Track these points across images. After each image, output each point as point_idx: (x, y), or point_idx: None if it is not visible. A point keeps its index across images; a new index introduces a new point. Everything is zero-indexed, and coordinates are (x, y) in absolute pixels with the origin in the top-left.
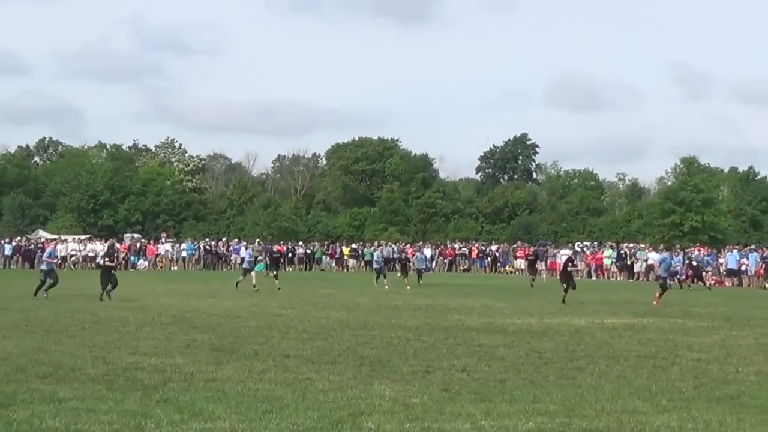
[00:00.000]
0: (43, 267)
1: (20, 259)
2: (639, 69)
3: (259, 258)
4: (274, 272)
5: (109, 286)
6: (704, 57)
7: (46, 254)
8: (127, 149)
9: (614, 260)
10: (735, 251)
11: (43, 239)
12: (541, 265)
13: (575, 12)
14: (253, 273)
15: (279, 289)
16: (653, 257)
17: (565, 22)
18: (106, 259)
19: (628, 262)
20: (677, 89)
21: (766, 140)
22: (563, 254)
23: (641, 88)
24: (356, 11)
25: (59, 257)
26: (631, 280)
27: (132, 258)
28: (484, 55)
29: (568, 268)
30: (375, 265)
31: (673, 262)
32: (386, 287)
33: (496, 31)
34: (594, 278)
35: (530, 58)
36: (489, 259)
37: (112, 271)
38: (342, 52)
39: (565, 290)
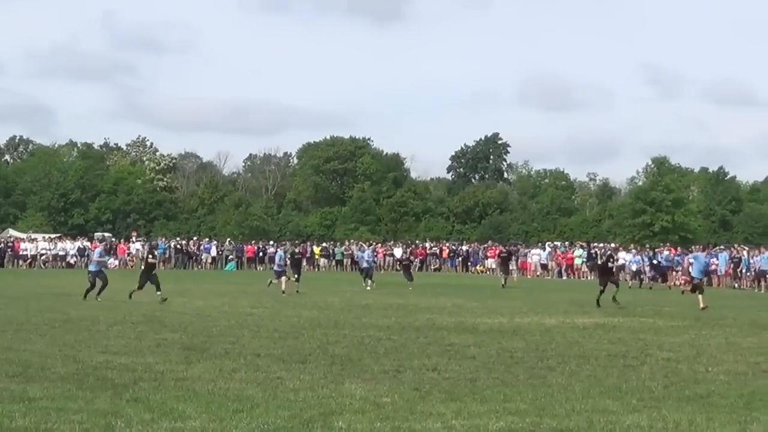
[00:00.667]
0: (92, 268)
1: None
2: (611, 69)
3: (230, 257)
4: (296, 275)
5: (150, 284)
6: (676, 58)
7: (96, 254)
8: (98, 148)
9: (585, 260)
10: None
11: (13, 238)
12: (512, 265)
13: (548, 12)
14: (283, 278)
15: (298, 291)
16: (624, 257)
17: (537, 23)
18: (149, 256)
19: (599, 262)
20: (649, 89)
21: (737, 140)
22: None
23: (613, 89)
24: (329, 11)
25: (105, 259)
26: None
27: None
28: (457, 54)
29: (609, 265)
30: (364, 265)
31: (705, 261)
32: (368, 288)
33: (468, 30)
34: (564, 278)
35: (502, 57)
36: (460, 258)
37: (154, 271)
38: (314, 52)
39: (602, 291)
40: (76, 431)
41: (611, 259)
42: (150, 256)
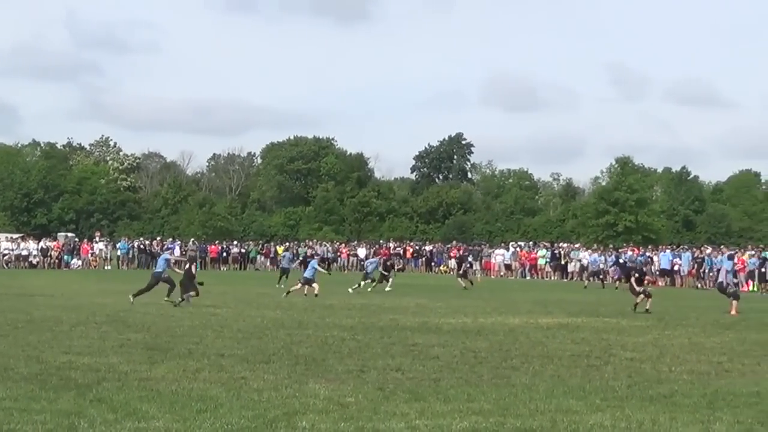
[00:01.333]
0: (158, 269)
1: None
2: (575, 69)
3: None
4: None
5: (193, 293)
6: (640, 58)
7: (164, 258)
8: (62, 148)
9: (548, 260)
10: (668, 251)
11: None
12: (475, 265)
13: (512, 12)
14: (315, 285)
15: (316, 295)
16: (587, 257)
17: (501, 23)
18: (190, 265)
19: (563, 262)
20: (613, 90)
21: (701, 141)
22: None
23: (577, 89)
24: (294, 11)
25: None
26: (565, 280)
27: (65, 257)
28: (421, 54)
29: (646, 278)
30: (369, 267)
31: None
32: (369, 289)
33: (433, 31)
34: (528, 278)
35: (467, 58)
36: (423, 258)
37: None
38: (279, 52)
39: (640, 294)
40: (39, 431)
41: (640, 273)
42: (191, 265)
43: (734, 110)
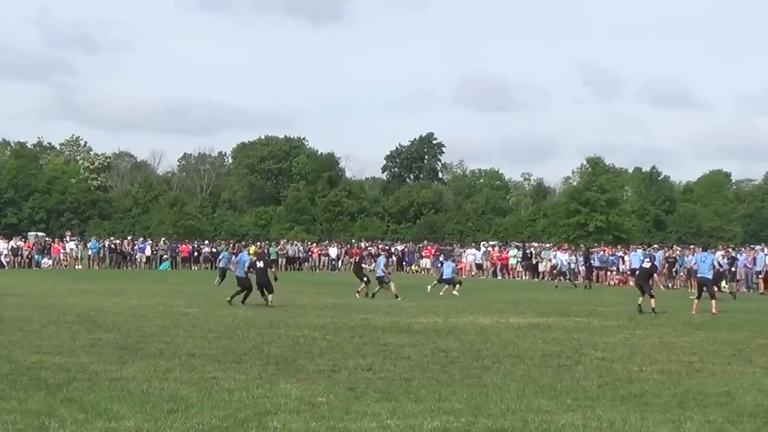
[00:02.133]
0: (239, 273)
1: None
2: (548, 69)
3: (164, 257)
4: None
5: (268, 295)
6: (613, 58)
7: (240, 260)
8: (32, 147)
9: (519, 260)
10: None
11: None
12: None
13: (485, 12)
14: (391, 285)
15: (374, 295)
16: (560, 257)
17: (474, 22)
18: (261, 263)
19: (534, 262)
20: (586, 90)
21: (673, 141)
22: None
23: (550, 89)
24: (267, 10)
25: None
26: (536, 280)
27: (36, 257)
28: (394, 54)
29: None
30: (379, 273)
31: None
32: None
33: (405, 30)
34: (499, 277)
35: (439, 58)
36: (395, 258)
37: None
38: (251, 51)
39: (651, 295)
40: (9, 431)
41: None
42: (261, 263)
43: (706, 111)
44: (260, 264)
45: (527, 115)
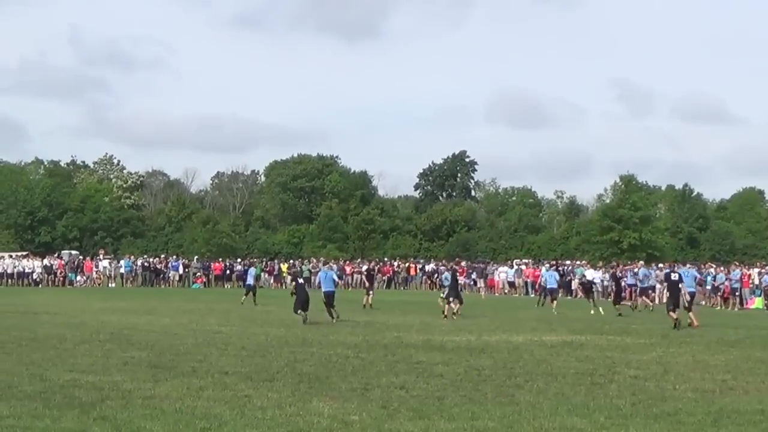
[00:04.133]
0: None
1: None
2: (581, 86)
3: (198, 275)
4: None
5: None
6: (647, 74)
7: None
8: (65, 165)
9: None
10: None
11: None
12: (479, 282)
13: (518, 29)
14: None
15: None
16: (593, 275)
17: (508, 39)
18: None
19: (567, 280)
20: (619, 106)
21: (707, 157)
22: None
23: (583, 105)
24: (300, 28)
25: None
26: (569, 298)
27: (70, 275)
28: (426, 71)
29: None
30: (445, 282)
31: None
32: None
33: (439, 47)
34: (532, 295)
35: (472, 74)
36: (426, 276)
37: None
38: (285, 68)
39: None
40: None
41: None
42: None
43: (741, 126)
44: (300, 281)
45: (560, 131)
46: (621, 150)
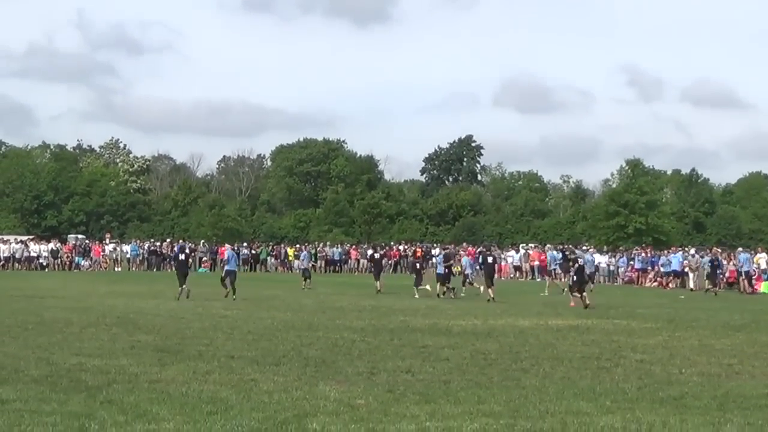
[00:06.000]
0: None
1: None
2: (590, 71)
3: (204, 260)
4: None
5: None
6: (656, 59)
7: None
8: (71, 150)
9: (559, 262)
10: (679, 253)
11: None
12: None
13: (528, 13)
14: (475, 283)
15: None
16: (599, 259)
17: (517, 24)
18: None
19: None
20: (628, 91)
21: (715, 142)
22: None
23: (592, 91)
24: (310, 11)
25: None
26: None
27: (76, 259)
28: (435, 55)
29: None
30: (468, 270)
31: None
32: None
33: (448, 31)
34: (538, 279)
35: (480, 59)
36: (434, 260)
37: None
38: (293, 52)
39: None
40: None
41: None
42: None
43: (750, 111)
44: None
45: (568, 116)
46: (629, 135)
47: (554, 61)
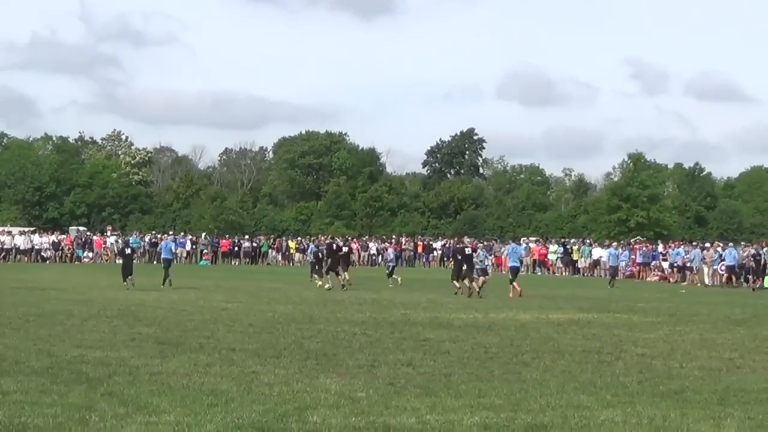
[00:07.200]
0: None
1: None
2: (594, 64)
3: (205, 252)
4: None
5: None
6: (660, 52)
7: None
8: (73, 141)
9: (560, 255)
10: (681, 248)
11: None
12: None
13: (532, 6)
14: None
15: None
16: (600, 252)
17: (521, 17)
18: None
19: (574, 258)
20: (632, 85)
21: (719, 135)
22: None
23: (596, 84)
24: (315, 4)
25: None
26: (577, 276)
27: (78, 251)
28: (438, 48)
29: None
30: (479, 265)
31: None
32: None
33: (452, 24)
34: (539, 273)
35: (484, 51)
36: (434, 253)
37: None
38: (297, 45)
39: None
40: (50, 425)
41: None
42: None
43: (754, 105)
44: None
45: (572, 110)
46: (632, 128)
47: (558, 53)
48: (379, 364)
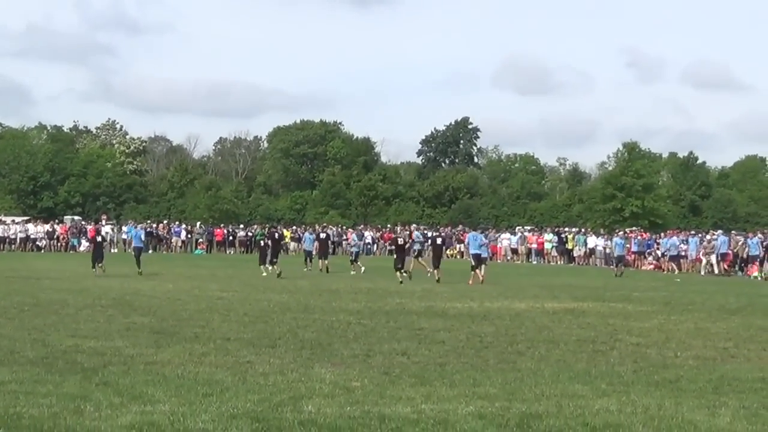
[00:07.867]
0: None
1: None
2: (590, 52)
3: (200, 241)
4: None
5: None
6: (656, 41)
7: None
8: (68, 131)
9: (555, 244)
10: (675, 237)
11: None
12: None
13: None
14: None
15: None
16: (595, 241)
17: (517, 4)
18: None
19: (569, 247)
20: (628, 73)
21: (715, 124)
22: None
23: (592, 72)
24: None
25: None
26: (572, 265)
27: (72, 240)
28: (433, 36)
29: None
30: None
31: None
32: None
33: (448, 13)
34: (534, 262)
35: (480, 39)
36: (429, 242)
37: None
38: (292, 33)
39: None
40: (45, 415)
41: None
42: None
43: (750, 93)
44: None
45: (567, 98)
46: (628, 117)
47: (553, 42)
48: (374, 354)
